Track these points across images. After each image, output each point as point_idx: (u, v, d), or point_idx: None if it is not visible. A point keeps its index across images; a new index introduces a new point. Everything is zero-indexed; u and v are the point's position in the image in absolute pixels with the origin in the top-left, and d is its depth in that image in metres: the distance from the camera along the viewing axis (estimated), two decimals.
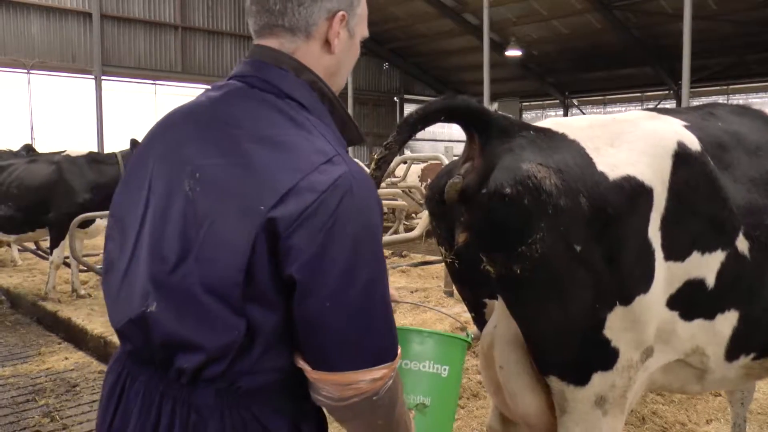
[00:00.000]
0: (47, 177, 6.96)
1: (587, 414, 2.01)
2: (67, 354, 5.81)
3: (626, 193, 1.90)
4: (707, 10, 20.78)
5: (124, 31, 23.90)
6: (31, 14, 21.91)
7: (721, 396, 4.13)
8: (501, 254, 1.88)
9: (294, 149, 1.21)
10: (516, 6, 24.10)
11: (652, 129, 2.10)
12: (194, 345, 1.22)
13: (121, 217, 1.39)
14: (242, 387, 1.26)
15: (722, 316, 2.11)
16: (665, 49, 23.28)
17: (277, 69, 1.32)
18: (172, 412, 1.27)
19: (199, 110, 1.35)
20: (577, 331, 1.93)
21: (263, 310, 1.20)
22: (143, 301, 1.25)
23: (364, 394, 1.24)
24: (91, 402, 4.69)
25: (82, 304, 7.04)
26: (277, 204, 1.16)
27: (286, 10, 1.33)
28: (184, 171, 1.26)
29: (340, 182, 1.18)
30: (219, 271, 1.18)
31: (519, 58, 27.04)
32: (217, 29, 26.32)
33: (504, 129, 1.96)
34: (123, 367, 1.38)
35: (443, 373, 1.66)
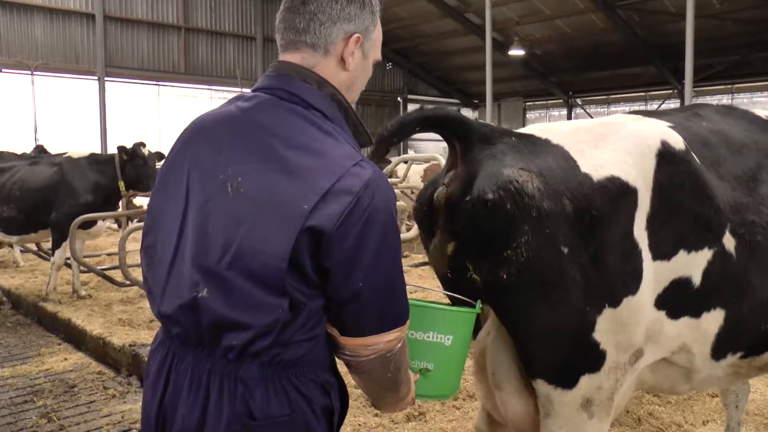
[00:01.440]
0: (49, 178, 6.99)
1: (572, 417, 2.01)
2: (66, 355, 5.83)
3: (610, 194, 1.91)
4: (711, 8, 20.70)
5: (127, 32, 23.93)
6: (34, 16, 21.95)
7: (718, 397, 4.11)
8: (486, 260, 1.90)
9: (326, 155, 1.41)
10: (519, 5, 24.05)
11: (635, 129, 2.11)
12: (242, 324, 1.39)
13: (159, 215, 1.55)
14: (283, 359, 1.44)
15: (708, 314, 2.12)
16: (669, 48, 23.18)
17: (302, 83, 1.51)
18: (220, 387, 1.44)
19: (232, 119, 1.51)
20: (567, 334, 1.93)
21: (304, 291, 1.40)
22: (194, 288, 1.42)
23: (380, 352, 1.49)
24: (88, 403, 4.70)
25: (83, 305, 7.05)
26: (318, 203, 1.35)
27: (309, 29, 1.53)
28: (225, 174, 1.43)
29: (369, 183, 1.39)
30: (263, 261, 1.36)
31: (522, 58, 26.99)
32: (219, 30, 26.32)
33: (485, 136, 1.99)
34: (168, 349, 1.54)
35: (446, 342, 1.82)
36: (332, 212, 1.35)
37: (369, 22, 1.60)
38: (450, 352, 1.84)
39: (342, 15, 1.54)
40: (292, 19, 1.55)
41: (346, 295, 1.41)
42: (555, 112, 32.03)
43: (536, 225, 1.84)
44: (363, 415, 3.99)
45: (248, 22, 27.03)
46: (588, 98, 31.01)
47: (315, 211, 1.35)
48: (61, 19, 22.57)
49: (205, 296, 1.41)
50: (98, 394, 4.90)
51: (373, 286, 1.42)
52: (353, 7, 1.56)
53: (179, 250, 1.47)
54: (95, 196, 6.92)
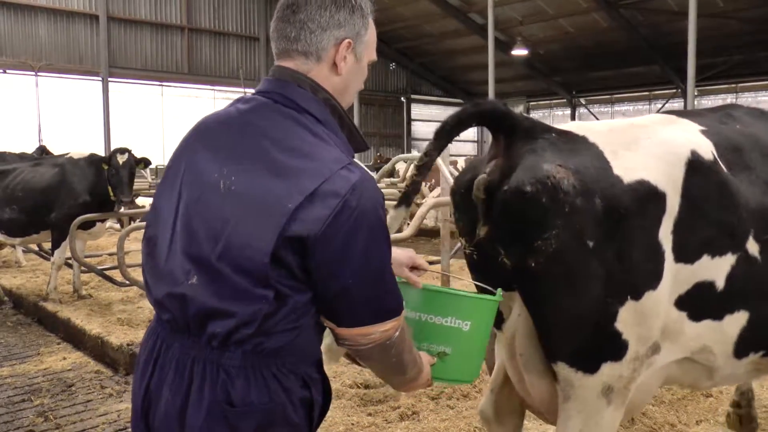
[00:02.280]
0: (51, 179, 7.01)
1: (592, 402, 2.10)
2: (65, 354, 5.85)
3: (639, 196, 2.02)
4: (714, 8, 20.65)
5: (130, 32, 24.04)
6: (38, 17, 22.08)
7: (712, 397, 4.11)
8: (517, 247, 2.02)
9: (315, 158, 1.46)
10: (522, 5, 24.04)
11: (667, 136, 2.21)
12: (227, 312, 1.45)
13: (159, 209, 1.62)
14: (265, 348, 1.49)
15: (731, 317, 2.20)
16: (672, 47, 23.11)
17: (297, 87, 1.57)
18: (203, 373, 1.49)
19: (230, 120, 1.59)
20: (589, 322, 2.03)
21: (288, 284, 1.45)
22: (185, 276, 1.49)
23: (378, 341, 1.55)
24: (85, 402, 4.72)
25: (83, 304, 7.07)
26: (303, 203, 1.40)
27: (300, 38, 1.58)
28: (220, 173, 1.50)
29: (357, 185, 1.44)
30: (249, 255, 1.42)
31: (525, 58, 26.97)
32: (223, 30, 26.41)
33: (528, 130, 2.11)
34: (158, 336, 1.60)
35: (464, 327, 1.86)
36: (319, 214, 1.40)
37: (360, 26, 1.63)
38: (468, 337, 1.88)
39: (331, 22, 1.58)
40: (284, 28, 1.60)
41: (335, 291, 1.48)
42: (558, 112, 32.00)
43: (567, 220, 1.95)
44: (356, 415, 3.99)
45: (251, 22, 27.10)
46: (591, 98, 30.97)
47: (300, 211, 1.40)
48: (65, 19, 22.70)
49: (195, 284, 1.48)
50: (95, 393, 4.91)
51: (362, 284, 1.48)
52: (342, 13, 1.59)
53: (173, 242, 1.54)
54: (93, 196, 6.93)
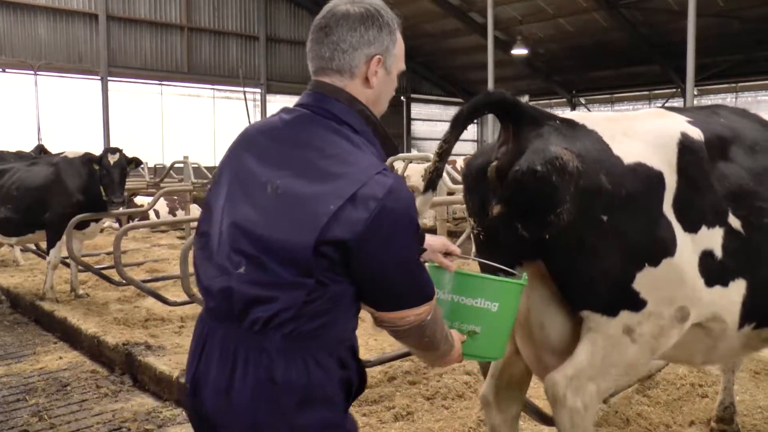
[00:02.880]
0: (45, 179, 6.99)
1: (615, 337, 2.32)
2: (61, 353, 5.85)
3: (639, 176, 2.26)
4: (715, 7, 20.62)
5: (130, 32, 24.01)
6: (37, 16, 22.05)
7: (708, 398, 4.10)
8: (533, 221, 2.24)
9: (354, 164, 1.62)
10: (522, 5, 24.01)
11: (659, 123, 2.48)
12: (270, 298, 1.60)
13: (211, 205, 1.78)
14: (303, 331, 1.62)
15: (734, 283, 2.43)
16: (672, 46, 23.09)
17: (335, 101, 1.72)
18: (246, 357, 1.64)
19: (275, 130, 1.75)
20: (607, 283, 2.26)
21: (328, 276, 1.60)
22: (233, 267, 1.64)
23: (413, 323, 1.70)
24: (80, 401, 4.71)
25: (79, 304, 7.06)
26: (344, 205, 1.55)
27: (334, 57, 1.74)
28: (267, 177, 1.66)
29: (392, 189, 1.58)
30: (293, 249, 1.57)
31: (525, 57, 26.94)
32: (223, 30, 26.38)
33: (534, 118, 2.32)
34: (205, 323, 1.76)
35: (493, 308, 2.04)
36: (360, 216, 1.55)
37: (388, 41, 1.77)
38: (496, 317, 2.06)
39: (362, 41, 1.73)
40: (319, 49, 1.75)
41: (374, 284, 1.65)
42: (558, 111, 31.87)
43: (575, 196, 2.18)
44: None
45: (251, 21, 27.07)
46: (591, 97, 30.94)
47: (341, 212, 1.55)
48: (65, 19, 22.67)
49: (242, 273, 1.62)
50: (91, 392, 4.91)
51: (397, 280, 1.65)
52: (371, 32, 1.73)
53: (221, 237, 1.69)
54: (87, 195, 6.90)
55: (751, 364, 4.60)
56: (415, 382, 4.47)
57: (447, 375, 4.51)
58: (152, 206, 9.49)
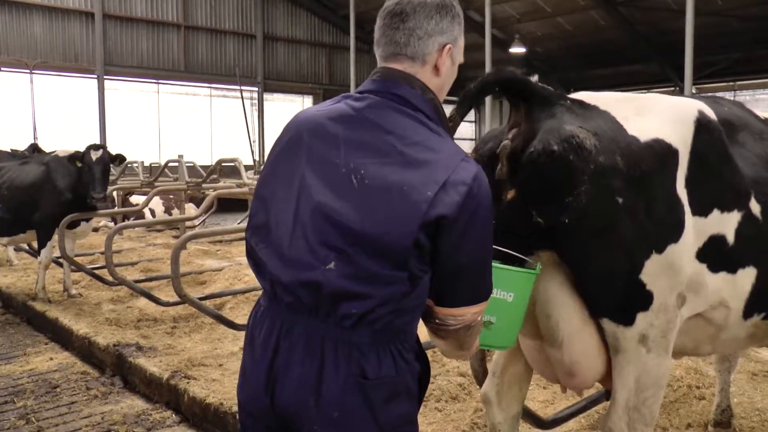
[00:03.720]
0: (35, 178, 6.91)
1: (634, 352, 2.27)
2: (52, 354, 5.79)
3: (656, 153, 2.18)
4: (713, 5, 20.57)
5: (126, 30, 23.92)
6: (33, 14, 21.96)
7: (705, 400, 4.04)
8: (550, 205, 2.14)
9: (439, 151, 1.61)
10: (520, 3, 23.96)
11: (674, 101, 2.41)
12: (365, 295, 1.56)
13: (269, 198, 1.72)
14: (393, 327, 1.62)
15: (743, 271, 2.37)
16: (671, 45, 23.02)
17: (409, 88, 1.70)
18: (335, 351, 1.60)
19: (346, 116, 1.69)
20: (622, 274, 2.18)
21: (420, 267, 1.58)
22: (320, 262, 1.58)
23: (466, 322, 1.69)
24: (69, 404, 4.65)
25: (72, 304, 7.00)
26: (439, 191, 1.54)
27: (409, 43, 1.72)
28: (348, 168, 1.60)
29: (477, 175, 1.59)
30: (390, 240, 1.54)
31: (523, 56, 26.87)
32: (220, 28, 26.29)
33: (545, 98, 2.24)
34: (275, 316, 1.69)
35: (508, 298, 2.02)
36: (452, 200, 1.55)
37: (458, 32, 1.79)
38: (511, 307, 2.04)
39: (436, 29, 1.73)
40: (393, 34, 1.73)
41: (450, 270, 1.62)
42: None
43: (594, 176, 2.10)
44: None
45: (248, 19, 26.99)
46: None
47: (437, 199, 1.54)
48: (61, 17, 22.58)
49: (332, 269, 1.57)
50: (80, 394, 4.84)
51: (473, 263, 1.64)
52: (446, 21, 1.75)
53: (296, 230, 1.63)
54: (76, 194, 6.81)
55: (749, 365, 4.55)
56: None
57: (441, 376, 4.45)
58: (145, 205, 9.43)
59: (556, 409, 3.83)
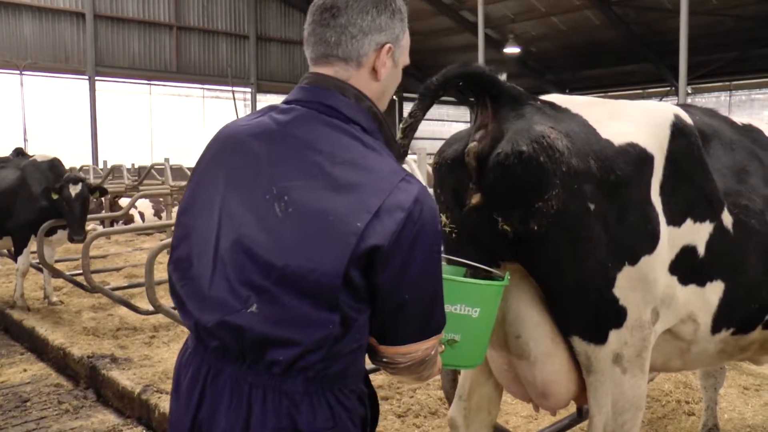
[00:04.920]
0: (11, 183, 6.74)
1: (608, 372, 2.13)
2: (26, 366, 5.62)
3: (631, 158, 2.06)
4: (707, 5, 20.48)
5: (117, 31, 23.79)
6: (23, 14, 21.80)
7: (694, 416, 3.90)
8: (518, 211, 1.98)
9: (373, 171, 1.41)
10: (514, 3, 23.86)
11: (649, 105, 2.31)
12: (291, 341, 1.39)
13: (191, 228, 1.54)
14: (329, 373, 1.44)
15: (711, 284, 2.26)
16: (666, 45, 22.92)
17: (340, 96, 1.50)
18: (263, 400, 1.42)
19: (269, 132, 1.49)
20: (593, 288, 2.04)
21: (354, 306, 1.40)
22: (242, 303, 1.40)
23: (416, 359, 1.52)
24: (38, 419, 4.49)
25: (51, 312, 6.83)
26: (371, 221, 1.35)
27: (341, 42, 1.51)
28: (271, 194, 1.42)
29: (418, 198, 1.40)
30: (316, 278, 1.36)
31: (518, 56, 26.78)
32: (212, 28, 26.16)
33: (514, 98, 2.10)
34: (202, 361, 1.51)
35: (473, 314, 1.84)
36: (386, 229, 1.36)
37: (399, 30, 1.59)
38: (477, 323, 1.87)
39: (373, 26, 1.53)
40: (323, 32, 1.53)
41: (392, 307, 1.44)
42: None
43: (566, 180, 1.95)
44: None
45: (241, 20, 26.86)
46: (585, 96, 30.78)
47: (368, 229, 1.36)
48: (51, 17, 22.44)
49: (255, 312, 1.40)
50: (51, 409, 4.69)
51: (418, 297, 1.45)
52: (384, 17, 1.54)
53: (217, 265, 1.45)
54: (52, 201, 6.59)
55: (740, 379, 4.41)
56: (387, 398, 4.26)
57: (421, 391, 4.31)
58: (128, 210, 9.28)
59: (540, 425, 3.70)
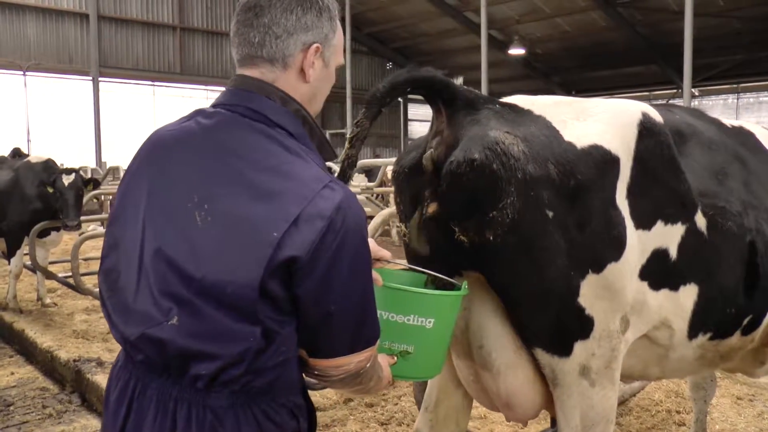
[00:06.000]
0: (5, 184, 6.72)
1: (575, 385, 2.06)
2: (14, 369, 5.57)
3: (594, 161, 1.98)
4: (714, 6, 20.33)
5: (121, 32, 23.86)
6: (27, 15, 21.88)
7: (685, 426, 3.80)
8: (473, 221, 1.92)
9: (295, 177, 1.36)
10: (518, 4, 23.76)
11: (617, 103, 2.21)
12: (211, 354, 1.35)
13: (119, 238, 1.49)
14: (254, 386, 1.39)
15: (684, 288, 2.18)
16: (672, 47, 22.80)
17: (265, 99, 1.46)
18: (188, 415, 1.38)
19: (193, 138, 1.46)
20: (555, 298, 1.97)
21: (276, 318, 1.35)
22: (163, 315, 1.36)
23: (350, 372, 1.47)
24: (20, 423, 4.44)
25: (43, 314, 6.80)
26: (288, 229, 1.31)
27: (264, 43, 1.46)
28: (192, 202, 1.38)
29: (341, 205, 1.35)
30: (233, 290, 1.32)
31: (523, 57, 26.69)
32: (215, 30, 26.21)
33: (470, 101, 2.03)
34: (131, 374, 1.46)
35: (428, 325, 1.77)
36: (305, 239, 1.32)
37: (328, 29, 1.53)
38: (431, 334, 1.80)
39: (298, 26, 1.48)
40: (247, 33, 1.48)
41: (317, 319, 1.39)
42: None
43: (521, 187, 1.88)
44: None
45: None
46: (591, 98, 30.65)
47: (285, 239, 1.31)
48: (55, 18, 22.51)
49: (175, 324, 1.37)
50: (34, 413, 4.63)
51: (344, 309, 1.40)
52: (310, 15, 1.49)
53: (141, 277, 1.42)
54: (45, 203, 6.58)
55: (734, 389, 4.32)
56: (372, 405, 4.20)
57: (406, 397, 4.24)
58: None
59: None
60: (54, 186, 6.47)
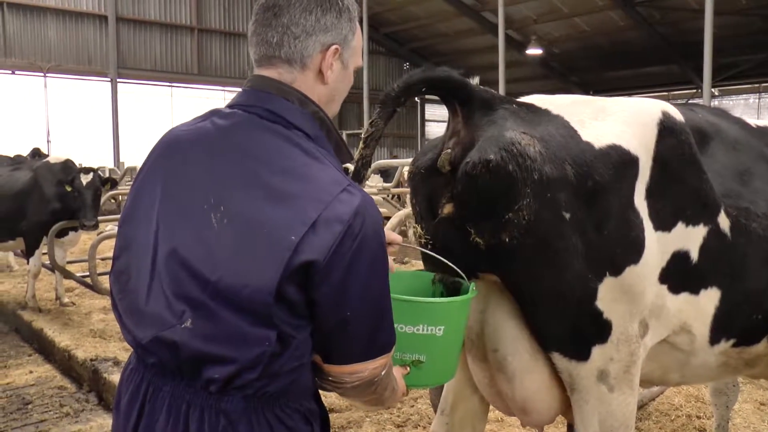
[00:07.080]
0: (23, 185, 6.80)
1: (593, 390, 2.02)
2: (33, 367, 5.62)
3: (613, 161, 1.93)
4: (737, 4, 20.05)
5: (139, 33, 24.06)
6: (47, 18, 22.15)
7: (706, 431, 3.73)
8: (489, 223, 1.89)
9: (312, 180, 1.35)
10: (536, 3, 23.63)
11: (636, 102, 2.17)
12: (225, 358, 1.34)
13: (131, 239, 1.48)
14: (269, 391, 1.38)
15: (705, 292, 2.12)
16: (691, 46, 22.53)
17: (283, 100, 1.43)
18: (200, 419, 1.37)
19: (209, 139, 1.44)
20: (572, 301, 1.93)
21: (292, 323, 1.34)
22: (177, 318, 1.35)
23: (365, 379, 1.45)
24: (38, 422, 4.47)
25: (60, 313, 6.86)
26: (306, 234, 1.29)
27: (283, 43, 1.45)
28: (208, 204, 1.36)
29: (359, 210, 1.33)
30: (249, 294, 1.30)
31: (541, 57, 26.52)
32: (233, 30, 26.34)
33: (486, 102, 1.99)
34: (142, 378, 1.46)
35: (438, 333, 1.74)
36: (323, 243, 1.30)
37: (347, 30, 1.51)
38: (442, 341, 1.77)
39: (317, 26, 1.46)
40: (265, 32, 1.47)
41: (333, 324, 1.38)
42: None
43: (538, 188, 1.84)
44: None
45: None
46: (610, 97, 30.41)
47: (303, 243, 1.30)
48: (74, 20, 22.77)
49: (189, 327, 1.35)
50: (52, 412, 4.67)
51: (361, 315, 1.38)
52: (329, 16, 1.47)
53: (154, 279, 1.40)
54: (64, 203, 6.64)
55: (757, 394, 4.23)
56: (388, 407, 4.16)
57: (422, 399, 4.20)
58: None
59: None
60: (72, 185, 6.53)
